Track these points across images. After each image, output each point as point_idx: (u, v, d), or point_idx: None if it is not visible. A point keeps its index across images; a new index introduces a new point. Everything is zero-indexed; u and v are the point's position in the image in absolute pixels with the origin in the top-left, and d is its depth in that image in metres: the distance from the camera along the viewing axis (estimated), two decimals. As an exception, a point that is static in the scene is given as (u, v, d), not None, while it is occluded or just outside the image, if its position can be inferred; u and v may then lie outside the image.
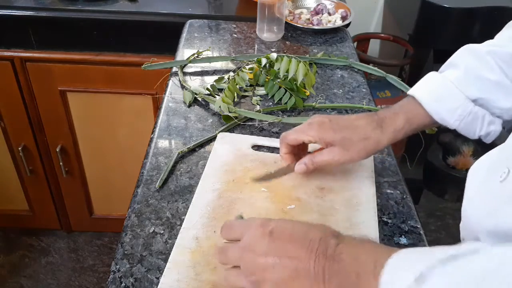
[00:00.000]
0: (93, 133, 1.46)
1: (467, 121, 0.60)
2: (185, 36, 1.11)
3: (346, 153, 0.61)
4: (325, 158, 0.62)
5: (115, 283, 0.53)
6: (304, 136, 0.62)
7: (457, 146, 2.01)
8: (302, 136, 0.62)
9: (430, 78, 0.64)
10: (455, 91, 0.60)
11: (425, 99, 0.61)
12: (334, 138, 0.61)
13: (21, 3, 1.24)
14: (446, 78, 0.61)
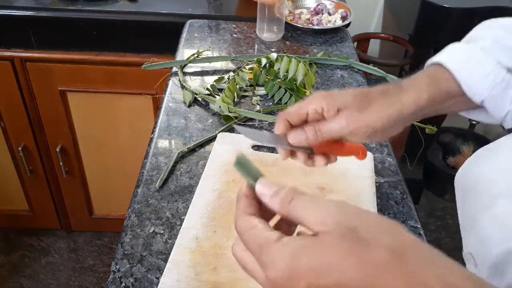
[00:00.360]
0: (93, 133, 1.46)
1: (498, 91, 0.50)
2: (185, 36, 1.11)
3: (361, 117, 0.48)
4: (334, 126, 0.48)
5: (115, 283, 0.53)
6: (307, 105, 0.49)
7: (457, 146, 2.01)
8: (305, 105, 0.50)
9: (453, 47, 0.54)
10: (485, 57, 0.50)
11: (451, 64, 0.51)
12: (347, 100, 0.49)
13: (21, 3, 1.24)
14: (472, 46, 0.52)
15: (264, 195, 0.35)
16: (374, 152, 0.74)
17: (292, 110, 0.50)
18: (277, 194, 0.34)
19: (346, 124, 0.48)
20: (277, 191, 0.34)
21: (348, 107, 0.48)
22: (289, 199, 0.33)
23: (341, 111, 0.48)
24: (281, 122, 0.50)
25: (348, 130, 0.48)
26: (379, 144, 0.77)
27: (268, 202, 0.34)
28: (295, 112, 0.49)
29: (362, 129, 0.48)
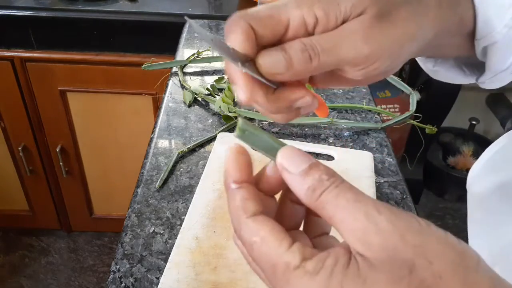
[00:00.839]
0: (93, 133, 1.46)
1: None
2: (185, 36, 1.11)
3: (387, 30, 0.28)
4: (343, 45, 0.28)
5: (115, 283, 0.53)
6: (287, 10, 0.28)
7: (457, 146, 2.01)
8: (284, 9, 0.28)
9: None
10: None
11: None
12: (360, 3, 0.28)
13: (21, 3, 1.24)
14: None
15: (288, 173, 0.25)
16: (374, 152, 0.74)
17: (261, 14, 0.28)
18: (306, 176, 0.24)
19: (364, 41, 0.27)
20: (307, 171, 0.24)
21: (363, 15, 0.28)
22: (320, 190, 0.24)
23: (348, 22, 0.28)
24: (242, 30, 0.27)
25: (369, 51, 0.28)
26: (379, 144, 0.77)
27: (292, 184, 0.25)
28: (266, 18, 0.28)
29: (387, 52, 0.29)
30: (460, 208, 2.03)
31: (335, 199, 0.23)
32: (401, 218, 0.22)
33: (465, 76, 0.43)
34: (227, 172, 0.26)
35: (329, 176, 0.24)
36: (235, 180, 0.26)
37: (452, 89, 1.64)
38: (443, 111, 1.73)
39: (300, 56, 0.27)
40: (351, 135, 0.78)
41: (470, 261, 0.22)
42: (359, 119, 0.82)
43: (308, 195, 0.24)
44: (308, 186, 0.24)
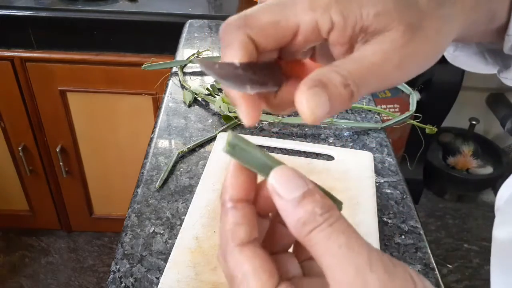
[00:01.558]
0: (93, 133, 1.46)
1: None
2: (185, 36, 1.11)
3: (419, 42, 0.25)
4: (374, 58, 0.24)
5: (115, 283, 0.53)
6: (296, 14, 0.24)
7: (457, 146, 2.01)
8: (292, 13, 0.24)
9: None
10: None
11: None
12: (387, 7, 0.24)
13: (21, 3, 1.24)
14: None
15: (279, 198, 0.22)
16: (374, 152, 0.74)
17: (263, 21, 0.23)
18: (298, 205, 0.21)
19: (400, 69, 0.24)
20: (299, 200, 0.21)
21: (391, 31, 0.24)
22: (311, 226, 0.21)
23: (377, 42, 0.24)
24: (240, 44, 0.23)
25: (404, 78, 0.25)
26: (379, 144, 0.77)
27: (282, 211, 0.22)
28: (269, 26, 0.23)
29: (420, 70, 0.26)
30: (460, 208, 2.03)
31: (326, 241, 0.21)
32: (394, 278, 0.20)
33: (487, 64, 0.39)
34: (224, 187, 0.24)
35: (324, 211, 0.21)
36: (231, 197, 0.24)
37: (452, 89, 1.64)
38: (443, 111, 1.73)
39: (344, 93, 0.23)
40: (351, 135, 0.78)
41: None
42: (359, 119, 0.82)
43: (297, 228, 0.21)
44: (298, 218, 0.21)
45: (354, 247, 0.20)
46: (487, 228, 1.93)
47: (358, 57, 0.24)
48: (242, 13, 0.23)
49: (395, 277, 0.20)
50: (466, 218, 1.98)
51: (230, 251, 0.22)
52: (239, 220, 0.23)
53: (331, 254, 0.20)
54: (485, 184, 2.04)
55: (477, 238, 1.88)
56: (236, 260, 0.22)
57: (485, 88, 1.98)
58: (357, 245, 0.20)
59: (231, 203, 0.23)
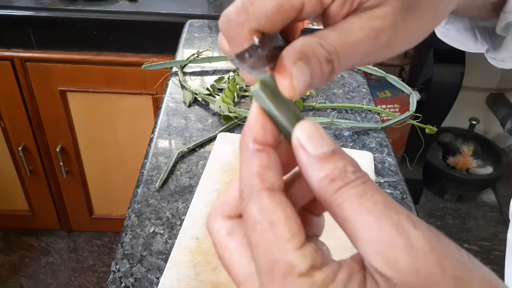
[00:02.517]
0: (93, 133, 1.46)
1: None
2: (185, 36, 1.11)
3: (413, 19, 0.23)
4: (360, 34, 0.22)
5: (115, 283, 0.53)
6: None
7: (457, 146, 2.01)
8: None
9: None
10: None
11: None
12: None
13: (21, 3, 1.24)
14: None
15: (304, 152, 0.19)
16: (374, 152, 0.74)
17: (267, 8, 0.21)
18: (326, 160, 0.19)
19: (388, 46, 0.23)
20: (328, 156, 0.19)
21: (385, 6, 0.22)
22: (342, 182, 0.19)
23: (368, 16, 0.22)
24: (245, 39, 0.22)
25: (392, 53, 0.24)
26: (379, 144, 0.77)
27: (306, 166, 0.19)
28: (275, 12, 0.21)
29: (411, 44, 0.25)
30: (460, 208, 2.03)
31: (359, 198, 0.18)
32: (441, 240, 0.18)
33: (476, 42, 0.38)
34: (247, 128, 0.21)
35: (356, 169, 0.19)
36: (256, 138, 0.20)
37: (452, 89, 1.64)
38: (443, 111, 1.73)
39: (326, 69, 0.22)
40: (351, 135, 0.78)
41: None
42: (359, 119, 0.82)
43: (323, 186, 0.19)
44: (326, 174, 0.19)
45: (392, 205, 0.18)
46: (487, 228, 1.93)
47: (344, 30, 0.22)
48: (240, 2, 0.21)
49: (441, 238, 0.18)
50: (466, 218, 1.98)
51: (257, 195, 0.19)
52: (269, 163, 0.20)
53: (365, 212, 0.18)
54: (485, 184, 2.04)
55: (477, 238, 1.88)
56: (263, 204, 0.19)
57: (485, 88, 1.98)
58: (394, 204, 0.18)
59: (256, 145, 0.20)
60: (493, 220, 1.97)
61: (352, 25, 0.22)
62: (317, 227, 0.24)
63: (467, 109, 2.01)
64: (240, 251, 0.21)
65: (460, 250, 0.18)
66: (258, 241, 0.19)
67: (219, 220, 0.22)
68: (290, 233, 0.18)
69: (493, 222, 1.96)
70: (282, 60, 0.21)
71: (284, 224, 0.18)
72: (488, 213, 2.00)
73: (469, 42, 0.38)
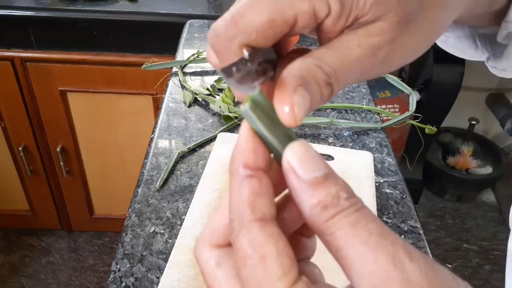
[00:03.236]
0: (93, 133, 1.46)
1: None
2: (185, 36, 1.11)
3: (411, 33, 0.23)
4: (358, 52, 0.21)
5: (116, 283, 0.53)
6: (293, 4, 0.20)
7: (456, 146, 2.02)
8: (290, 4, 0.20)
9: None
10: None
11: None
12: None
13: (21, 3, 1.24)
14: None
15: (295, 177, 0.18)
16: (374, 152, 0.75)
17: (257, 22, 0.20)
18: (319, 186, 0.18)
19: (386, 62, 0.22)
20: (321, 181, 0.18)
21: (382, 21, 0.22)
22: (334, 210, 0.18)
23: (366, 31, 0.22)
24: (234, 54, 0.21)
25: (390, 69, 0.23)
26: (379, 144, 0.77)
27: (297, 192, 0.19)
28: (265, 26, 0.20)
29: (408, 56, 0.24)
30: (460, 208, 2.03)
31: (352, 228, 0.17)
32: (437, 273, 0.17)
33: (476, 50, 0.37)
34: (237, 152, 0.19)
35: (349, 196, 0.18)
36: (247, 164, 0.19)
37: (452, 89, 1.64)
38: (443, 111, 1.73)
39: (325, 92, 0.21)
40: (351, 135, 0.78)
41: None
42: (359, 119, 0.82)
43: (315, 213, 0.18)
44: (318, 201, 0.18)
45: (388, 235, 0.17)
46: (486, 228, 1.93)
47: (342, 49, 0.21)
48: (230, 14, 0.20)
49: (437, 270, 0.17)
50: (466, 218, 1.98)
51: (247, 226, 0.18)
52: (260, 191, 0.19)
53: (359, 242, 0.17)
54: (485, 184, 2.04)
55: (477, 238, 1.88)
56: (254, 237, 0.18)
57: (485, 88, 1.99)
58: (389, 234, 0.17)
59: (247, 171, 0.19)
60: (493, 220, 1.97)
61: (349, 43, 0.21)
62: (309, 249, 0.23)
63: (467, 109, 2.01)
64: (230, 283, 0.20)
65: (457, 280, 0.17)
66: (249, 276, 0.18)
67: (207, 250, 0.21)
68: (281, 270, 0.18)
69: (493, 222, 1.96)
70: (281, 86, 0.20)
71: (275, 260, 0.18)
72: (488, 213, 2.00)
73: (469, 50, 0.38)
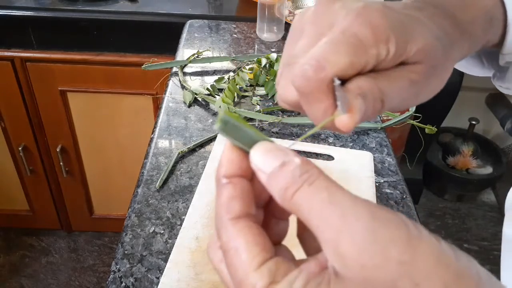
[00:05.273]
0: (93, 133, 1.46)
1: None
2: (185, 36, 1.11)
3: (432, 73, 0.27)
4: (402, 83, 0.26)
5: (115, 283, 0.53)
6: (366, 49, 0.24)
7: (456, 146, 2.02)
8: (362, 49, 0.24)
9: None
10: None
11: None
12: (429, 42, 0.26)
13: (21, 3, 1.24)
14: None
15: (263, 175, 0.22)
16: (374, 152, 0.75)
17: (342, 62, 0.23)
18: (279, 174, 0.21)
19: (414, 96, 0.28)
20: (279, 169, 0.21)
21: (420, 64, 0.26)
22: (293, 189, 0.20)
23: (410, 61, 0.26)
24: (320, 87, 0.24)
25: (414, 95, 0.28)
26: (379, 144, 0.77)
27: (267, 185, 0.22)
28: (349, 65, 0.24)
29: (426, 95, 0.29)
30: (460, 208, 2.03)
31: (308, 201, 0.20)
32: (385, 225, 0.18)
33: (483, 68, 0.40)
34: (219, 163, 0.23)
35: (302, 172, 0.20)
36: (225, 174, 0.23)
37: (452, 89, 1.64)
38: (443, 111, 1.73)
39: (377, 107, 0.25)
40: (351, 135, 0.78)
41: (468, 286, 0.18)
42: (359, 119, 0.82)
43: (281, 197, 0.21)
44: (281, 186, 0.21)
45: (337, 199, 0.19)
46: (486, 228, 1.93)
47: (392, 78, 0.26)
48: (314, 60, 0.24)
49: (385, 222, 0.18)
50: (466, 218, 1.98)
51: (224, 225, 0.22)
52: (234, 194, 0.22)
53: (316, 212, 0.19)
54: (485, 184, 2.04)
55: (477, 238, 1.88)
56: (229, 233, 0.22)
57: (485, 88, 1.99)
58: (339, 196, 0.19)
59: (226, 179, 0.23)
60: (493, 220, 1.97)
61: (397, 74, 0.26)
62: (281, 232, 0.25)
63: (467, 109, 2.01)
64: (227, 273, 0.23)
65: (408, 227, 0.19)
66: (229, 266, 0.21)
67: (215, 249, 0.24)
68: (250, 256, 0.21)
69: (493, 222, 1.96)
70: (346, 96, 0.23)
71: (245, 249, 0.21)
72: (488, 213, 2.00)
73: (476, 68, 0.41)
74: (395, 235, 0.18)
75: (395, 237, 0.18)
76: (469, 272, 0.18)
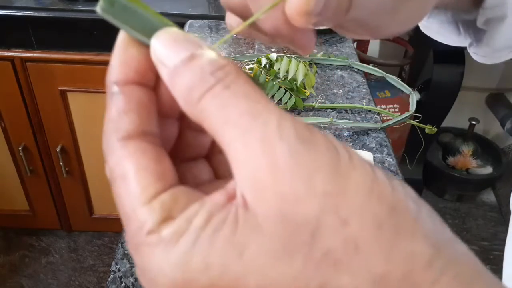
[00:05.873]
0: (93, 133, 1.46)
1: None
2: (185, 36, 1.11)
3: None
4: None
5: (116, 283, 0.53)
6: None
7: (456, 146, 2.02)
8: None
9: None
10: None
11: None
12: None
13: (21, 3, 1.24)
14: None
15: (164, 69, 0.17)
16: (374, 152, 0.75)
17: None
18: (185, 69, 0.16)
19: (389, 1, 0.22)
20: (186, 62, 0.16)
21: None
22: (200, 91, 0.15)
23: None
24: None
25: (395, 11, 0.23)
26: (379, 144, 0.77)
27: (168, 83, 0.17)
28: None
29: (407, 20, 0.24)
30: (460, 208, 2.03)
31: (222, 110, 0.15)
32: (312, 148, 0.14)
33: (459, 36, 0.37)
34: (110, 65, 0.19)
35: (216, 68, 0.16)
36: (116, 79, 0.18)
37: (452, 89, 1.64)
38: (443, 111, 1.73)
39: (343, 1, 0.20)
40: (351, 135, 0.78)
41: (405, 222, 0.14)
42: (359, 119, 0.82)
43: (185, 98, 0.16)
44: (186, 85, 0.16)
45: (261, 113, 0.15)
46: (487, 228, 1.93)
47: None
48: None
49: (313, 144, 0.14)
50: (466, 218, 1.98)
51: (111, 146, 0.17)
52: (125, 107, 0.17)
53: (231, 125, 0.15)
54: (485, 184, 2.04)
55: (477, 238, 1.88)
56: (116, 158, 0.17)
57: (485, 88, 1.99)
58: (265, 111, 0.15)
59: (118, 87, 0.18)
60: (493, 220, 1.97)
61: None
62: (200, 145, 0.21)
63: (467, 109, 2.01)
64: None
65: (339, 151, 0.15)
66: (116, 195, 0.17)
67: None
68: (140, 186, 0.16)
69: (493, 222, 1.96)
70: None
71: (134, 177, 0.16)
72: (488, 213, 2.00)
73: (452, 36, 0.38)
74: (323, 161, 0.14)
75: (322, 163, 0.14)
76: (406, 205, 0.15)
